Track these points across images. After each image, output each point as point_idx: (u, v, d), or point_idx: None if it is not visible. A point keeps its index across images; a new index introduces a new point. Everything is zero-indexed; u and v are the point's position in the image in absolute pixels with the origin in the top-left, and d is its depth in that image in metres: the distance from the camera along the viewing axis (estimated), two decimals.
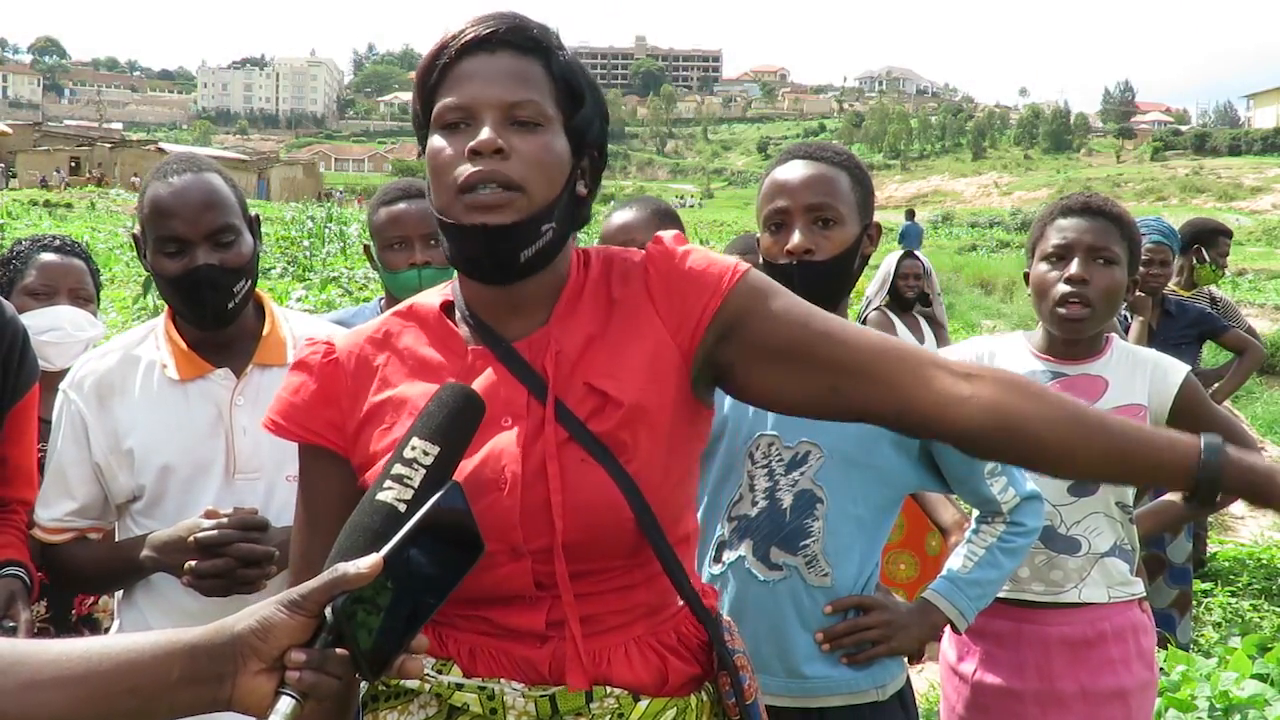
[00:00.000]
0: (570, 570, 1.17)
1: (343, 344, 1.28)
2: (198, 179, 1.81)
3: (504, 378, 1.21)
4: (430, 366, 1.24)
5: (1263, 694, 2.95)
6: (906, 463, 1.81)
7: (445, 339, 1.27)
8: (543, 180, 1.18)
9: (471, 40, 1.20)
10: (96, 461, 1.83)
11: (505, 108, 1.17)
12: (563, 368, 1.21)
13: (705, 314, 1.21)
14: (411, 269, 2.55)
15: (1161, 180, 75.05)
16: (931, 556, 4.08)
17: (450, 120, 1.19)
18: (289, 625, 0.93)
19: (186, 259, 1.78)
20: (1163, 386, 2.14)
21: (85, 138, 57.68)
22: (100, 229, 22.70)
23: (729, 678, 1.23)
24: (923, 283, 5.07)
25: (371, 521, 1.03)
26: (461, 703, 1.19)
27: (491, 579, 1.17)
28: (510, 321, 1.24)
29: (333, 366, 1.26)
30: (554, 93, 1.21)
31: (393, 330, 1.29)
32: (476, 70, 1.19)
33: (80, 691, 0.91)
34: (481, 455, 1.18)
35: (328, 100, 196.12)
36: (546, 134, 1.19)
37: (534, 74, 1.20)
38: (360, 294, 12.94)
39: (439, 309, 1.30)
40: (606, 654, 1.19)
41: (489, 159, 1.16)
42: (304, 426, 1.25)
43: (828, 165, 1.80)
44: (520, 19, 1.22)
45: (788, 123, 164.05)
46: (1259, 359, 5.09)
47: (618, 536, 1.17)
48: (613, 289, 1.26)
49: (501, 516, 1.16)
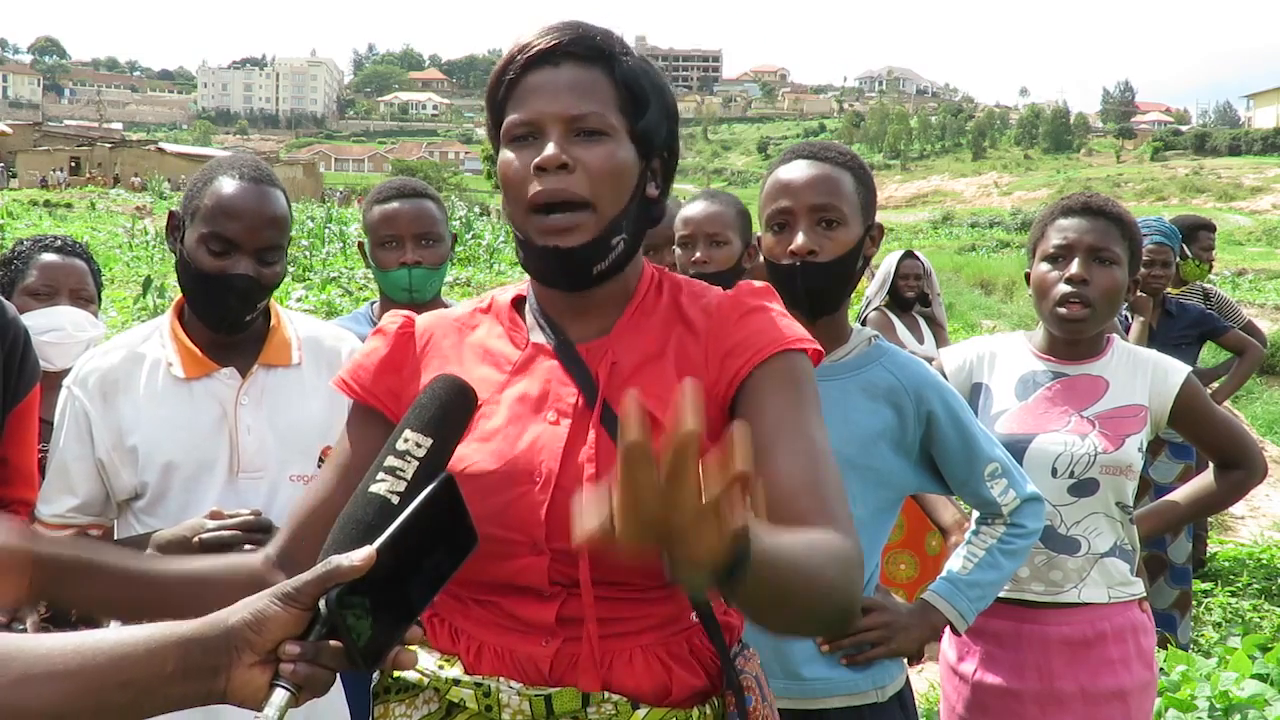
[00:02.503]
0: (594, 575, 1.17)
1: (421, 320, 1.33)
2: (269, 192, 1.84)
3: (559, 374, 1.23)
4: (492, 354, 1.28)
5: (1263, 694, 2.95)
6: (906, 464, 1.81)
7: (512, 331, 1.30)
8: (610, 192, 1.19)
9: (535, 54, 1.22)
10: (99, 458, 1.83)
11: (569, 121, 1.19)
12: (616, 378, 1.22)
13: (736, 379, 1.21)
14: (402, 268, 2.55)
15: (1161, 180, 75.00)
16: (931, 556, 4.08)
17: (518, 134, 1.22)
18: (283, 618, 0.94)
19: (229, 262, 1.80)
20: (1163, 387, 2.14)
21: (85, 138, 57.68)
22: (100, 229, 22.70)
23: (734, 697, 1.22)
24: (922, 283, 5.06)
25: (364, 514, 1.03)
26: (459, 699, 1.20)
27: (509, 568, 1.18)
28: (575, 323, 1.26)
29: (405, 338, 1.31)
30: (618, 100, 1.22)
31: (469, 317, 1.33)
32: (541, 84, 1.21)
33: (73, 685, 0.91)
34: (523, 445, 1.20)
35: (328, 100, 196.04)
36: (611, 143, 1.20)
37: (597, 84, 1.21)
38: (360, 294, 12.94)
39: (511, 303, 1.32)
40: (610, 658, 1.19)
41: (555, 175, 1.18)
42: (365, 388, 1.29)
43: (831, 165, 1.79)
44: (583, 28, 1.23)
45: (788, 123, 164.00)
46: (1259, 359, 5.10)
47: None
48: (684, 314, 1.26)
49: (529, 510, 1.17)
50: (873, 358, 1.82)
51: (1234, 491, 2.27)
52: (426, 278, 2.57)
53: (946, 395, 1.81)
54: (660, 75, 1.29)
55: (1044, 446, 2.09)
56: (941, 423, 1.78)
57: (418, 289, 2.56)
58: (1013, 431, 2.11)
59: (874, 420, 1.77)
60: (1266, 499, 7.06)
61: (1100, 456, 2.07)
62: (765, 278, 1.70)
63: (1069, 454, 2.08)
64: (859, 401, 1.78)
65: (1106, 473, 2.08)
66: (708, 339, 1.24)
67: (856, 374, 1.80)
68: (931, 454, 1.82)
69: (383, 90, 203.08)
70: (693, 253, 2.60)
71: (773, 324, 1.23)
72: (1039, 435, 2.10)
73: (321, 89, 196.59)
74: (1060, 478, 2.09)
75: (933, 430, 1.79)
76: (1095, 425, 2.10)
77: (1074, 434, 2.09)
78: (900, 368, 1.81)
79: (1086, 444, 2.08)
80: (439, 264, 2.60)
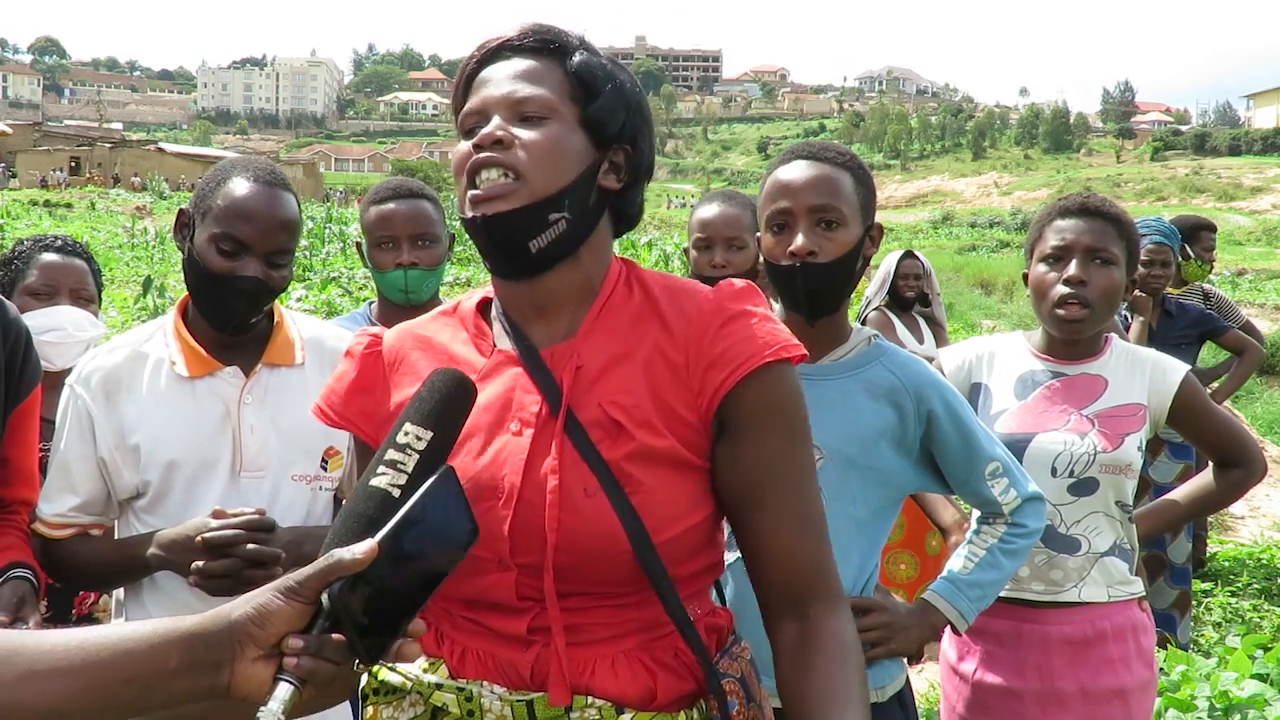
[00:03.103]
0: (559, 589, 1.16)
1: (388, 337, 1.33)
2: (282, 195, 1.85)
3: (523, 382, 1.21)
4: (458, 362, 1.25)
5: (1263, 694, 2.95)
6: (907, 464, 1.81)
7: (477, 337, 1.29)
8: (545, 168, 1.18)
9: (488, 51, 1.24)
10: (101, 457, 1.84)
11: (512, 105, 1.20)
12: (581, 383, 1.19)
13: (719, 394, 1.19)
14: (398, 269, 2.55)
15: (1161, 180, 74.99)
16: (931, 556, 4.09)
17: (469, 126, 1.23)
18: (286, 612, 0.94)
19: (238, 263, 1.80)
20: (1162, 386, 2.14)
21: (85, 138, 57.66)
22: (100, 229, 22.71)
23: (716, 701, 1.20)
24: (922, 283, 5.07)
25: (366, 508, 1.03)
26: (441, 703, 1.19)
27: (478, 584, 1.17)
28: (538, 325, 1.24)
29: (373, 357, 1.31)
30: (568, 88, 1.22)
31: (435, 326, 1.32)
32: (490, 76, 1.23)
33: (78, 681, 0.91)
34: (486, 459, 1.18)
35: (328, 100, 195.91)
36: (554, 125, 1.20)
37: (545, 72, 1.22)
38: (360, 294, 12.96)
39: (476, 308, 1.31)
40: (591, 664, 1.17)
41: (490, 149, 1.18)
42: (339, 412, 1.30)
43: (831, 166, 1.79)
44: (541, 26, 1.24)
45: (788, 123, 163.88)
46: (1259, 359, 5.10)
47: (612, 567, 1.15)
48: (661, 313, 1.23)
49: (492, 526, 1.15)
50: (873, 357, 1.82)
51: (1233, 490, 2.27)
52: (423, 279, 2.57)
53: (947, 394, 1.81)
54: (623, 71, 1.27)
55: (1044, 446, 2.09)
56: (942, 422, 1.78)
57: (414, 290, 2.56)
58: (1012, 431, 2.11)
59: (875, 419, 1.77)
60: (1266, 499, 7.06)
61: (1100, 455, 2.07)
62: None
63: (1069, 453, 2.08)
64: (859, 401, 1.78)
65: (1106, 472, 2.08)
66: (688, 347, 1.20)
67: (857, 373, 1.80)
68: (932, 453, 1.82)
69: (383, 90, 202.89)
70: (712, 256, 2.60)
71: (754, 333, 1.20)
72: (1039, 434, 2.10)
73: (321, 89, 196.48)
74: (1060, 477, 2.09)
75: (933, 429, 1.79)
76: (1094, 424, 2.10)
77: (1073, 433, 2.10)
78: (900, 367, 1.81)
79: (1086, 443, 2.08)
80: (436, 265, 2.59)
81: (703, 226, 2.62)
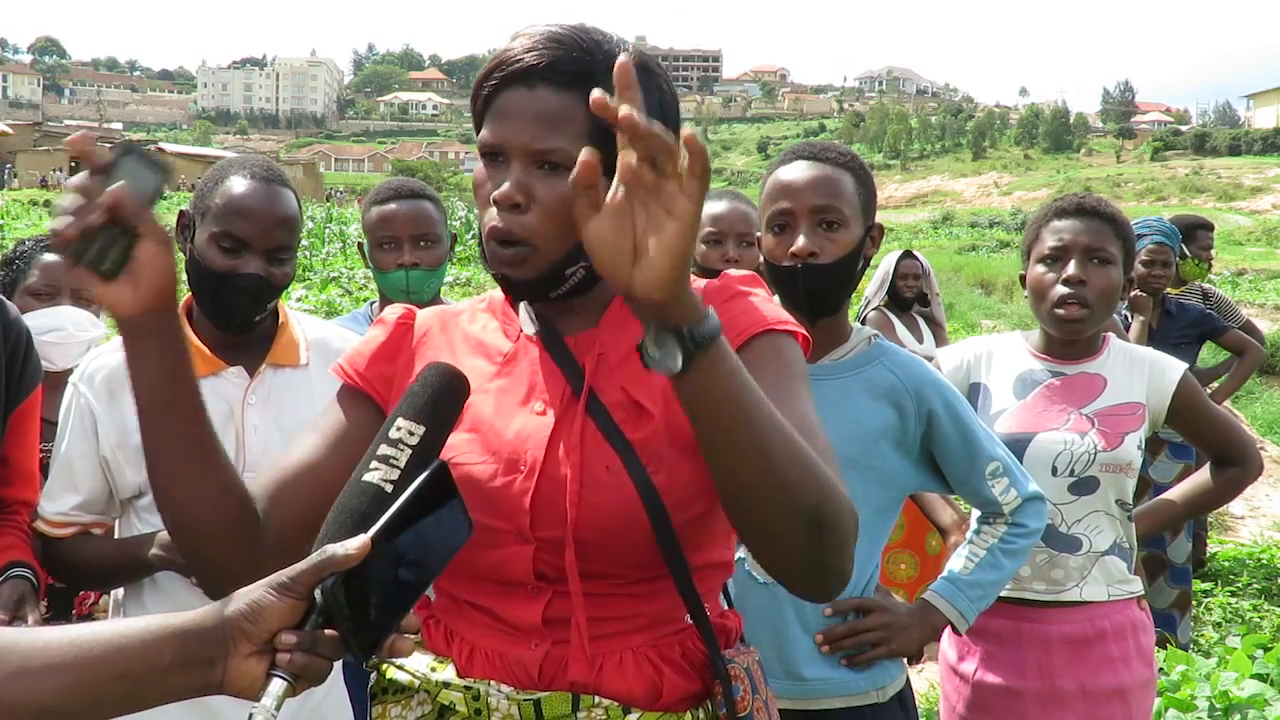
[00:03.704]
0: (580, 566, 1.17)
1: (422, 314, 1.36)
2: (281, 192, 1.85)
3: (547, 365, 1.24)
4: (484, 346, 1.29)
5: (1263, 694, 2.95)
6: (907, 463, 1.81)
7: (505, 324, 1.31)
8: (560, 231, 1.17)
9: (511, 73, 1.19)
10: (104, 455, 1.84)
11: (533, 155, 1.17)
12: (602, 369, 1.22)
13: None
14: (399, 270, 2.55)
15: (1161, 180, 74.97)
16: (931, 556, 4.09)
17: (487, 152, 1.22)
18: (278, 608, 0.94)
19: (239, 261, 1.81)
20: (1160, 385, 2.15)
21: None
22: None
23: (721, 685, 1.21)
24: (921, 283, 5.07)
25: (358, 503, 1.03)
26: (449, 701, 1.20)
27: (495, 558, 1.18)
28: (564, 316, 1.27)
29: (404, 329, 1.33)
30: (590, 130, 1.16)
31: (467, 312, 1.35)
32: (512, 107, 1.18)
33: (71, 678, 0.91)
34: (509, 436, 1.20)
35: (328, 100, 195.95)
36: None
37: (568, 113, 1.17)
38: (360, 294, 12.96)
39: (506, 298, 1.33)
40: (600, 660, 1.18)
41: (506, 213, 1.18)
42: (360, 373, 1.30)
43: (832, 166, 1.79)
44: (567, 44, 1.18)
45: (788, 123, 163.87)
46: (1258, 359, 5.11)
47: (630, 546, 1.16)
48: None
49: (514, 498, 1.17)
50: (873, 356, 1.82)
51: (1230, 488, 2.28)
52: (424, 279, 2.57)
53: (947, 394, 1.81)
54: (653, 88, 1.21)
55: (1044, 445, 2.10)
56: (942, 421, 1.78)
57: (415, 290, 2.56)
58: (1012, 430, 2.11)
59: (875, 419, 1.77)
60: (1266, 499, 7.06)
61: (1100, 454, 2.08)
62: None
63: (1069, 452, 2.09)
64: (860, 400, 1.78)
65: (1106, 471, 2.08)
66: None
67: (857, 373, 1.80)
68: (933, 453, 1.82)
69: (383, 90, 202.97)
70: (724, 250, 2.60)
71: (757, 308, 1.23)
72: (1039, 434, 2.11)
73: (321, 89, 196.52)
74: (1060, 476, 2.09)
75: (934, 429, 1.79)
76: (1094, 423, 2.11)
77: (1073, 432, 2.10)
78: (901, 366, 1.81)
79: (1086, 442, 2.09)
80: (437, 265, 2.60)
81: (715, 221, 2.62)
